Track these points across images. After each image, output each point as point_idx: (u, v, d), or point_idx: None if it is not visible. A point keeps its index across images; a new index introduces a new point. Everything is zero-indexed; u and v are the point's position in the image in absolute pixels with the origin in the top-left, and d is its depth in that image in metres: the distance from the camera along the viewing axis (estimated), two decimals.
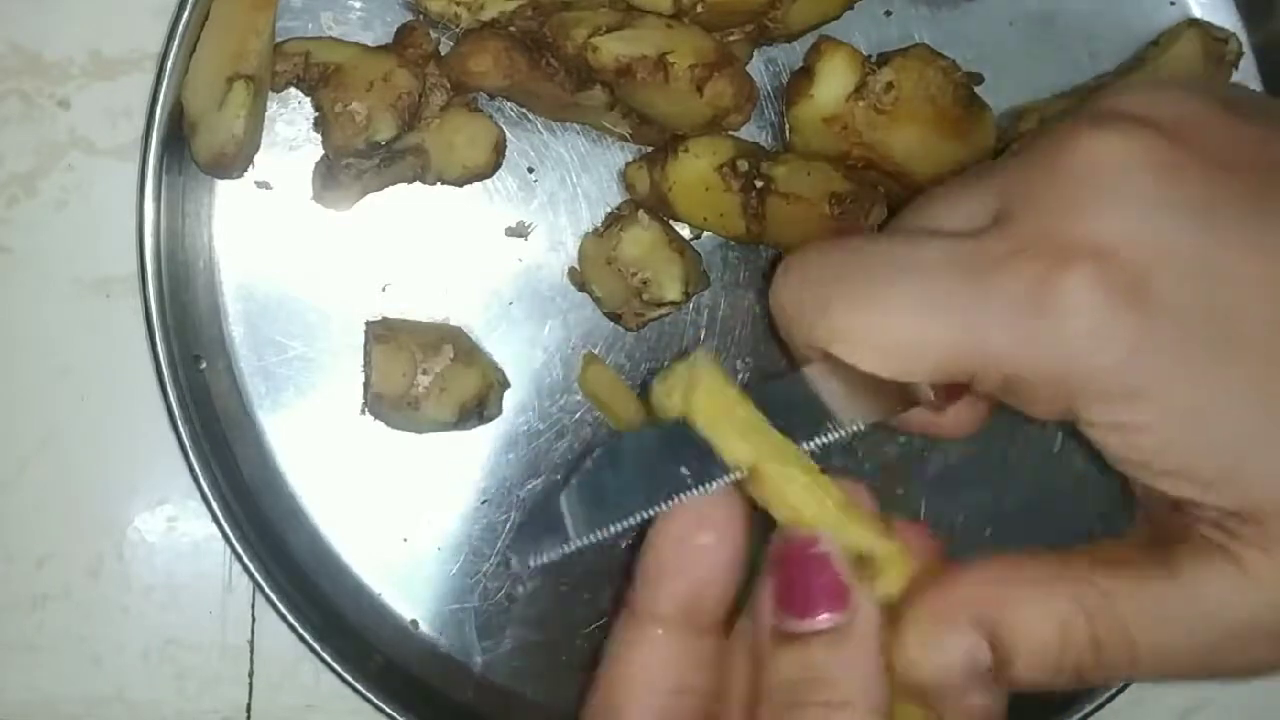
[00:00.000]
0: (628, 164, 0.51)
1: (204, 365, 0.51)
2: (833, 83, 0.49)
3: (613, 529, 0.37)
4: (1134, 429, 0.34)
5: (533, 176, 0.52)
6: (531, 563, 0.37)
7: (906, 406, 0.37)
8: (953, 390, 0.37)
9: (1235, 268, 0.33)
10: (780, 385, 0.39)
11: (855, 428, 0.38)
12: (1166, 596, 0.34)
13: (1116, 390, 0.34)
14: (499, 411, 0.51)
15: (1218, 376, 0.33)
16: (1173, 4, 0.53)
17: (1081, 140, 0.35)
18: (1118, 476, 0.36)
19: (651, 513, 0.37)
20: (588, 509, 0.37)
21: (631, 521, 0.37)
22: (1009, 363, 0.35)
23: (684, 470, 0.37)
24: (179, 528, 0.54)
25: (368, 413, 0.51)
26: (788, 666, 0.36)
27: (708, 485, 0.37)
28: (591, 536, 0.37)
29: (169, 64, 0.48)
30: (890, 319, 0.36)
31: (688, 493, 0.37)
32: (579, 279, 0.52)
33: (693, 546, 0.37)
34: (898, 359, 0.36)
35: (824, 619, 0.36)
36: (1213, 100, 0.37)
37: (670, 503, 0.37)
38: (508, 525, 0.52)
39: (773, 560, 0.36)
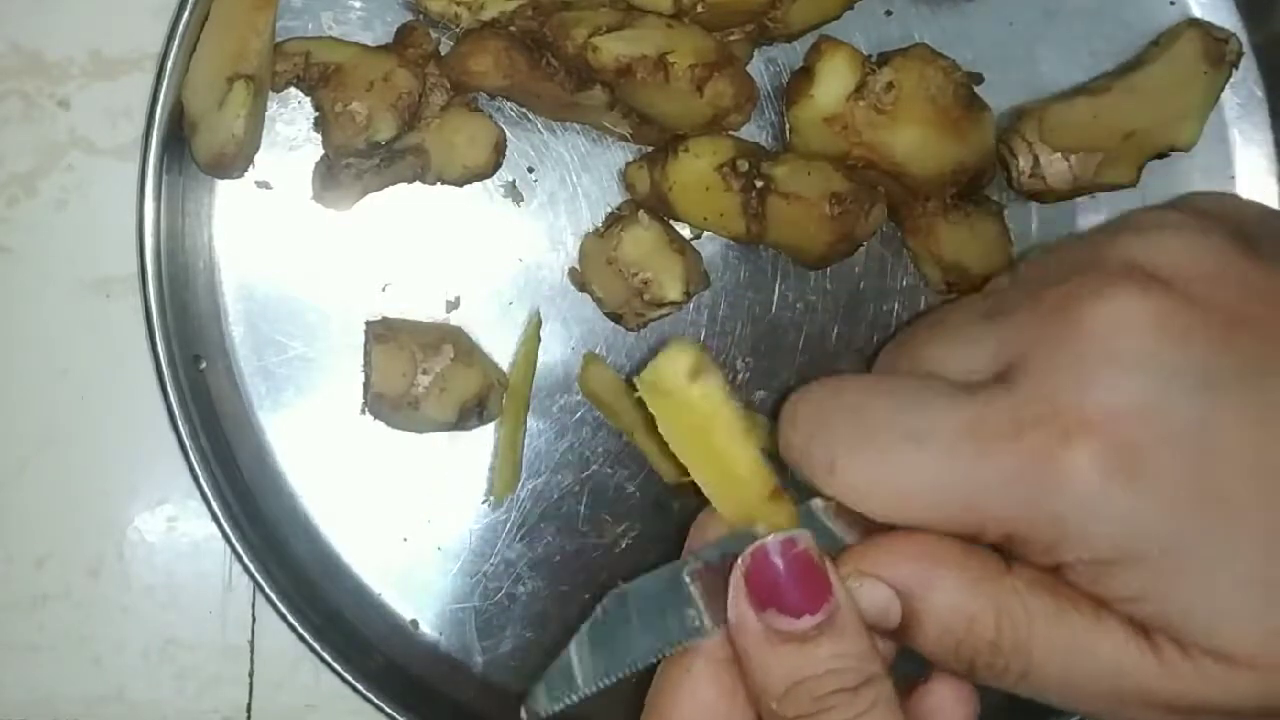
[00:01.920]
0: (628, 164, 0.51)
1: (204, 365, 0.51)
2: (833, 83, 0.49)
3: (623, 674, 0.38)
4: (1113, 581, 0.35)
5: (533, 176, 0.52)
6: (543, 713, 0.38)
7: None
8: None
9: (1229, 437, 0.34)
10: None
11: None
12: (1079, 640, 0.36)
13: (1106, 555, 0.35)
14: (499, 411, 0.51)
15: (1203, 545, 0.34)
16: (1173, 4, 0.53)
17: (1090, 299, 0.36)
18: None
19: (661, 656, 0.38)
20: (598, 658, 0.38)
21: (640, 667, 0.38)
22: (1009, 526, 0.36)
23: (690, 613, 0.38)
24: (179, 528, 0.54)
25: (368, 413, 0.51)
26: (794, 666, 0.36)
27: (715, 630, 0.38)
28: (600, 685, 0.38)
29: (169, 64, 0.48)
30: (895, 480, 0.37)
31: (695, 638, 0.38)
32: (579, 279, 0.52)
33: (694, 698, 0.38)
34: (902, 516, 0.37)
35: (819, 614, 0.36)
36: (1230, 246, 0.37)
37: (677, 646, 0.38)
38: (508, 525, 0.52)
39: (753, 566, 0.37)
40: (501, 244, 0.52)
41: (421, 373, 0.49)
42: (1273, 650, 0.35)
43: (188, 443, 0.49)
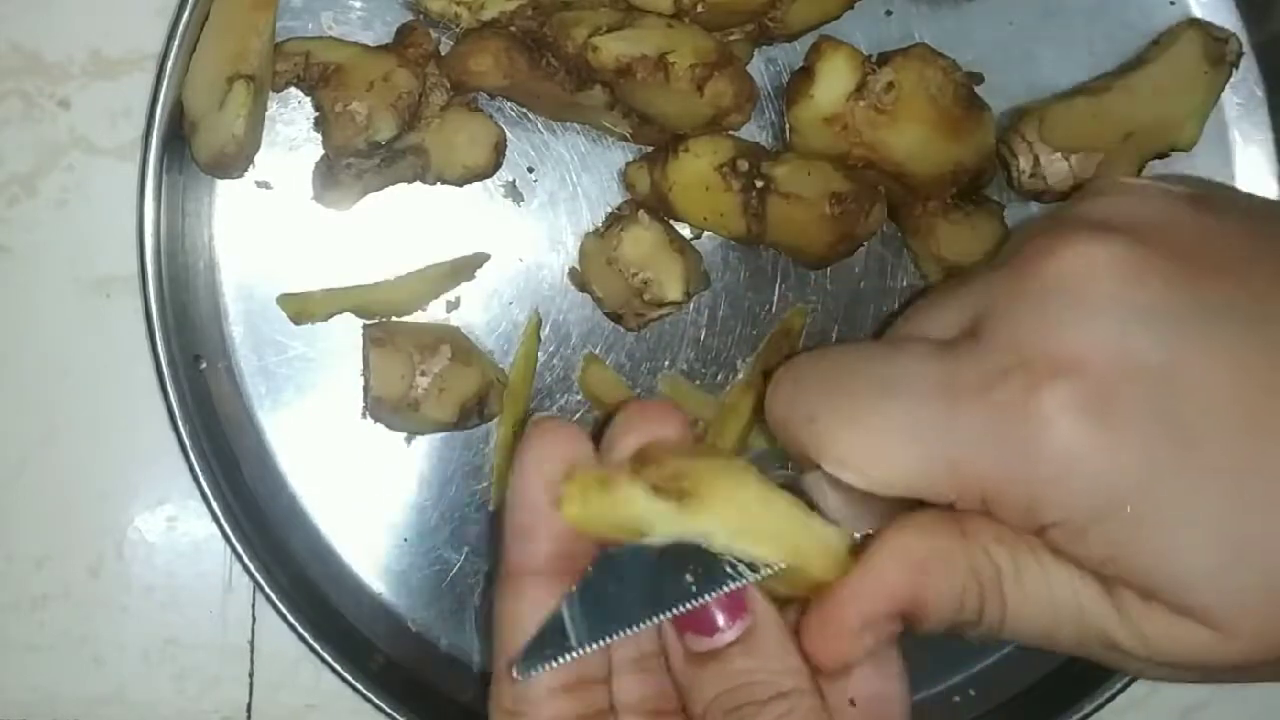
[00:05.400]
0: (628, 164, 0.51)
1: (204, 365, 0.51)
2: (833, 83, 0.49)
3: (617, 636, 0.37)
4: (1086, 541, 0.35)
5: (533, 176, 0.52)
6: (533, 673, 0.37)
7: (900, 511, 0.38)
8: None
9: (1196, 373, 0.35)
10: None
11: (855, 537, 0.39)
12: (1040, 591, 0.37)
13: (1082, 513, 0.35)
14: (499, 409, 0.51)
15: (1173, 501, 0.34)
16: (1173, 4, 0.53)
17: (1049, 251, 0.37)
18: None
19: (656, 620, 0.38)
20: (590, 618, 0.38)
21: (634, 630, 0.38)
22: (986, 485, 0.36)
23: (688, 578, 0.38)
24: (179, 528, 0.54)
25: (368, 416, 0.51)
26: (714, 683, 0.37)
27: (711, 593, 0.37)
28: (593, 646, 0.37)
29: (169, 64, 0.48)
30: (873, 441, 0.37)
31: (691, 601, 0.38)
32: (579, 279, 0.52)
33: (554, 501, 0.38)
34: (881, 480, 0.37)
35: (732, 631, 0.37)
36: (1179, 199, 0.38)
37: (673, 611, 0.38)
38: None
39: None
40: (501, 244, 0.52)
41: (420, 374, 0.49)
42: (1236, 611, 0.35)
43: (188, 443, 0.49)
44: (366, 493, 0.52)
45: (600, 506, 0.37)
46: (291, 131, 0.51)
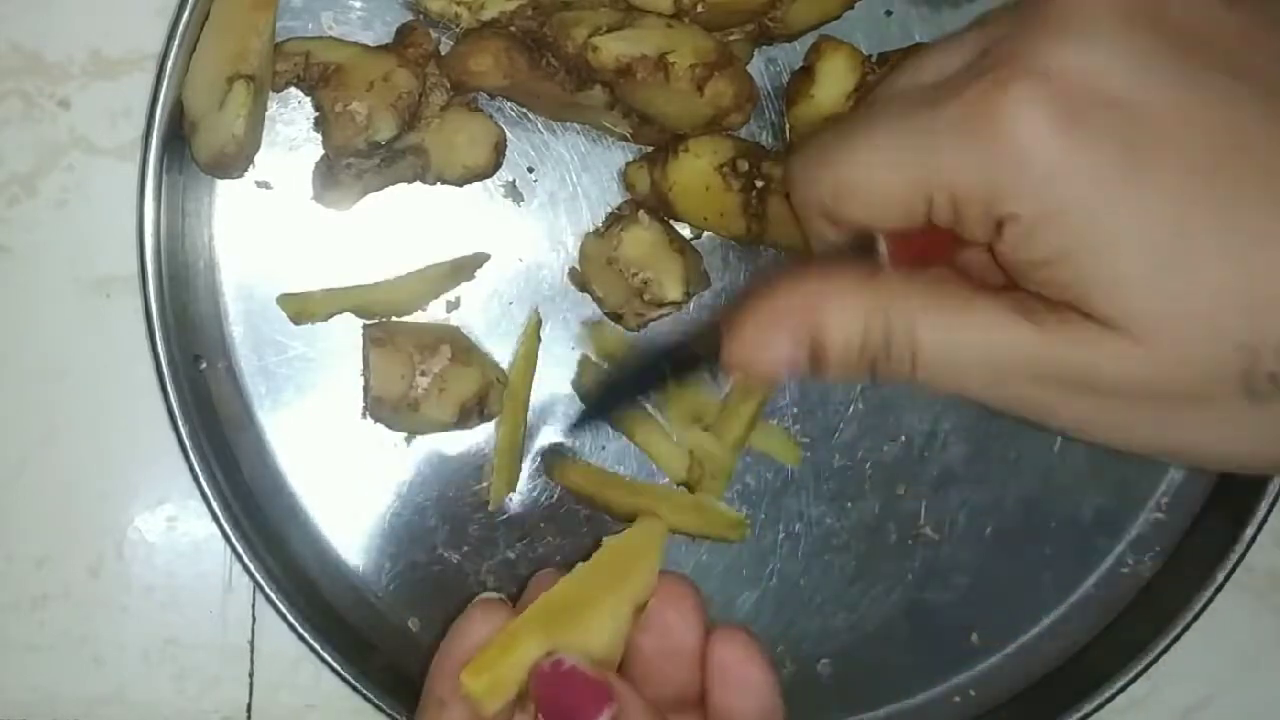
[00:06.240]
0: (628, 164, 0.51)
1: (204, 365, 0.51)
2: (833, 83, 0.49)
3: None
4: (1034, 241, 0.37)
5: (533, 176, 0.52)
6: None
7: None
8: (902, 248, 0.40)
9: (1173, 113, 0.35)
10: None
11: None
12: (956, 318, 0.38)
13: (1031, 209, 0.36)
14: (499, 409, 0.51)
15: (1121, 209, 0.35)
16: None
17: None
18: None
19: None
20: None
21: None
22: (951, 183, 0.37)
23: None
24: (179, 528, 0.54)
25: (368, 416, 0.51)
26: None
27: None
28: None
29: (169, 64, 0.48)
30: (868, 159, 0.39)
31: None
32: (579, 279, 0.52)
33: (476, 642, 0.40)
34: (876, 202, 0.39)
35: (604, 716, 0.38)
36: None
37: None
38: (508, 525, 0.52)
39: (535, 693, 0.38)
40: (501, 244, 0.52)
41: (420, 374, 0.49)
42: (1156, 319, 0.35)
43: (188, 443, 0.49)
44: (366, 493, 0.52)
45: (495, 676, 0.38)
46: (291, 131, 0.51)
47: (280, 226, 0.51)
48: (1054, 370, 0.37)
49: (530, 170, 0.52)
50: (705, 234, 0.52)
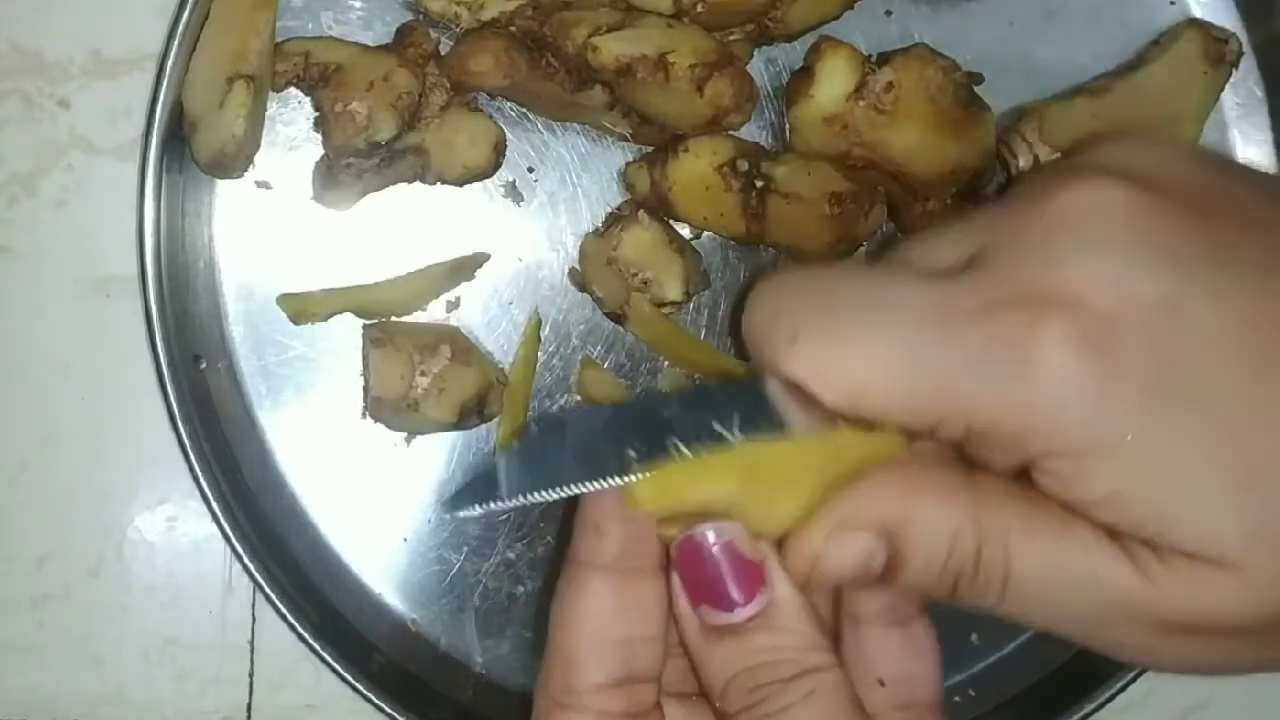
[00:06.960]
0: (628, 164, 0.51)
1: (204, 365, 0.51)
2: (833, 83, 0.49)
3: (547, 496, 0.36)
4: (1085, 477, 0.34)
5: (533, 176, 0.52)
6: (461, 514, 0.37)
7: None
8: None
9: (1199, 315, 0.34)
10: (738, 386, 0.38)
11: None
12: (1051, 547, 0.35)
13: (1075, 446, 0.34)
14: (499, 409, 0.51)
15: (1176, 430, 0.33)
16: (1173, 4, 0.53)
17: (1059, 187, 0.36)
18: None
19: (589, 488, 0.36)
20: (524, 474, 0.37)
21: (566, 493, 0.36)
22: (974, 415, 0.34)
23: (630, 453, 0.36)
24: (179, 528, 0.54)
25: (368, 416, 0.51)
26: (733, 660, 0.36)
27: (650, 468, 0.36)
28: (522, 499, 0.36)
29: (169, 64, 0.48)
30: (858, 360, 0.35)
31: (628, 475, 0.36)
32: (579, 279, 0.52)
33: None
34: (863, 402, 0.35)
35: (750, 606, 0.36)
36: (1193, 155, 0.37)
37: (608, 482, 0.36)
38: (508, 525, 0.52)
39: (681, 561, 0.36)
40: (501, 244, 0.52)
41: (420, 374, 0.49)
42: (1251, 543, 0.33)
43: (188, 443, 0.49)
44: (366, 493, 0.52)
45: (669, 489, 0.36)
46: (291, 131, 0.51)
47: (280, 226, 0.51)
48: (1151, 611, 0.34)
49: (530, 170, 0.52)
50: (705, 234, 0.52)
